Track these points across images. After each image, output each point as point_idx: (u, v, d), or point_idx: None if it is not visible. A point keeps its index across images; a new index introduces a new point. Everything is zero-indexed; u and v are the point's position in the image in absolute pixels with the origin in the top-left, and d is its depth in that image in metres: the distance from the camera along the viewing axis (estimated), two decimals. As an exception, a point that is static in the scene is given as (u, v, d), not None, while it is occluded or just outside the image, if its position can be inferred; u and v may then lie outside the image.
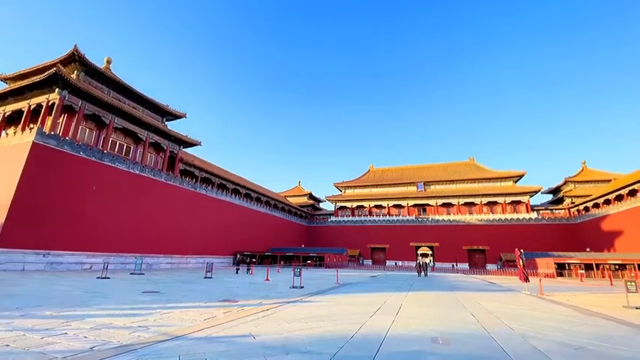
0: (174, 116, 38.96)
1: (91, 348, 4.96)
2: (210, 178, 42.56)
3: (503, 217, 54.59)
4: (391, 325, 7.16)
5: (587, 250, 44.15)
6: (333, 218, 64.64)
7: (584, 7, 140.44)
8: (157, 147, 36.09)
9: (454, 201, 59.07)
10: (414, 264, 29.15)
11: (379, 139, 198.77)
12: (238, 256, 43.62)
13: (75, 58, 28.37)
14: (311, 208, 72.21)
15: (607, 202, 45.08)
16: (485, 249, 52.94)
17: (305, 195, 74.80)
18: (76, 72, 29.06)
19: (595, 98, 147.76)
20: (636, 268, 30.45)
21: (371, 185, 67.04)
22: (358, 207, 64.86)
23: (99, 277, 17.59)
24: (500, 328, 7.31)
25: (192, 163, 39.91)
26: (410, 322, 7.79)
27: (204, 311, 8.58)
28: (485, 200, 57.39)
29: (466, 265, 52.09)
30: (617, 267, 32.11)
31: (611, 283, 24.08)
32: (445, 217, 57.31)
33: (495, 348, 5.57)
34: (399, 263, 54.26)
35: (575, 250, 45.13)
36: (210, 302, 10.28)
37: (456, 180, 62.15)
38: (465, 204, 58.65)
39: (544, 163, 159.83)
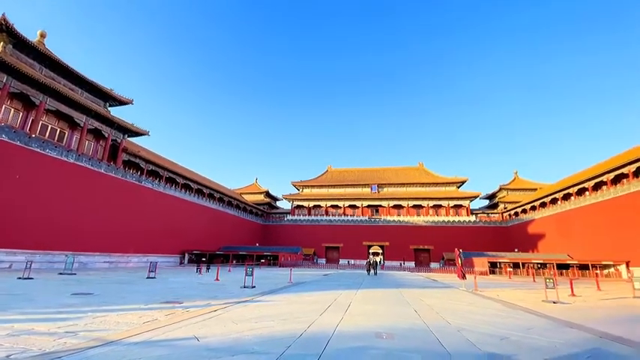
0: (119, 102, 35.70)
1: (7, 357, 4.36)
2: (158, 171, 39.82)
3: (446, 219, 59.00)
4: (340, 323, 7.34)
5: (516, 250, 49.54)
6: (289, 217, 64.42)
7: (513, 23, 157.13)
8: (97, 134, 32.81)
9: (404, 203, 62.46)
10: (365, 262, 30.15)
11: (338, 140, 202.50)
12: (187, 255, 41.52)
13: (2, 28, 24.62)
14: (267, 207, 71.21)
15: (533, 208, 51.02)
16: (429, 248, 56.73)
17: (262, 193, 73.51)
18: (2, 43, 25.25)
19: (527, 114, 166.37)
20: (554, 266, 34.92)
21: (328, 185, 68.08)
22: (315, 206, 65.48)
23: (20, 278, 15.51)
24: (438, 322, 7.89)
25: (138, 154, 36.97)
26: (357, 318, 8.06)
27: (144, 314, 8.01)
28: (431, 203, 61.55)
29: (412, 264, 55.35)
30: (539, 266, 36.51)
31: (534, 280, 27.30)
32: (396, 218, 60.31)
33: (433, 341, 6.00)
34: (352, 262, 55.86)
35: (506, 250, 50.37)
36: (151, 304, 9.62)
37: (407, 183, 65.77)
38: (414, 206, 62.33)
39: (483, 171, 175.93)
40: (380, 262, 60.40)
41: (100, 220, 29.27)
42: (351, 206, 64.37)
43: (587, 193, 38.53)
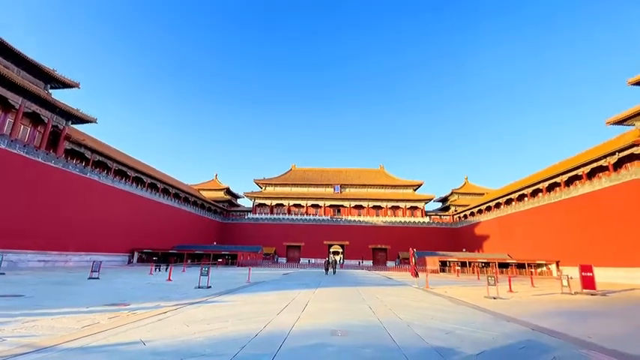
0: (63, 84, 32.29)
1: None
2: (106, 162, 36.71)
3: (403, 219, 61.77)
4: (296, 321, 7.35)
5: (464, 250, 53.29)
6: (250, 215, 63.05)
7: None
8: (35, 119, 29.41)
9: (365, 204, 64.26)
10: (330, 261, 30.35)
11: (302, 140, 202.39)
12: (136, 254, 38.83)
13: None
14: (227, 204, 69.00)
15: (480, 211, 55.29)
16: (387, 248, 58.99)
17: (222, 190, 71.05)
18: None
19: (477, 122, 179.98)
20: (496, 265, 38.14)
21: (292, 184, 67.78)
22: (278, 205, 64.80)
23: None
24: (391, 318, 8.22)
25: (83, 143, 33.75)
26: (314, 317, 8.13)
27: (85, 317, 7.35)
28: (390, 204, 64.02)
29: (370, 263, 57.16)
30: (483, 264, 39.64)
31: (478, 278, 29.58)
32: (356, 218, 61.82)
33: (385, 336, 6.25)
34: (313, 261, 56.19)
35: (456, 250, 53.99)
36: (93, 307, 8.85)
37: (368, 185, 67.71)
38: (374, 207, 64.37)
39: (438, 176, 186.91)
40: (340, 260, 61.52)
41: (35, 214, 26.26)
42: (313, 205, 64.71)
43: (525, 199, 42.64)
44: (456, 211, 65.29)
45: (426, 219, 62.51)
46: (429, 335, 6.35)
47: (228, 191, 72.36)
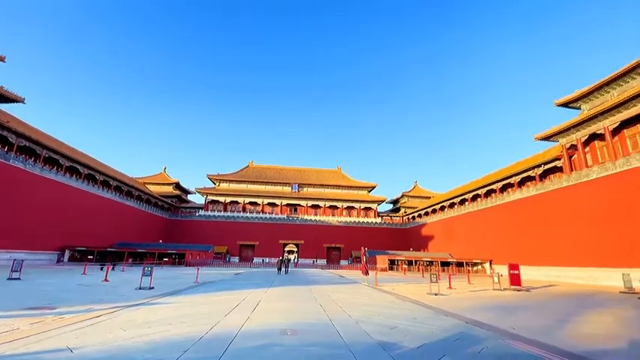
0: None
1: None
2: (35, 148, 32.41)
3: (357, 220, 63.67)
4: (245, 322, 7.19)
5: (411, 249, 56.55)
6: (202, 212, 60.12)
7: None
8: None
9: (322, 203, 64.99)
10: (283, 260, 29.85)
11: (260, 137, 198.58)
12: (67, 252, 34.93)
13: None
14: (176, 200, 65.03)
15: (426, 213, 59.09)
16: (340, 247, 60.33)
17: (171, 184, 66.75)
18: None
19: (427, 131, 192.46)
20: (439, 264, 41.05)
21: (248, 181, 66.06)
22: (232, 202, 62.67)
23: None
24: (340, 315, 8.43)
25: (7, 126, 29.40)
26: (265, 317, 8.02)
27: (1, 323, 6.42)
28: (345, 205, 65.58)
29: (324, 261, 57.99)
30: (428, 263, 42.40)
31: (423, 276, 31.57)
32: (313, 218, 62.26)
33: (334, 333, 6.39)
34: (267, 260, 55.34)
35: (404, 249, 57.05)
36: (13, 311, 7.77)
37: (326, 185, 68.62)
38: (330, 207, 65.43)
39: (391, 178, 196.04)
40: (294, 259, 61.45)
41: None
42: (270, 204, 63.77)
43: (466, 203, 46.52)
44: (405, 212, 68.96)
45: (378, 219, 65.11)
46: (376, 331, 6.63)
47: (177, 186, 68.24)
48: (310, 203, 64.64)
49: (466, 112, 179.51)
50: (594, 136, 27.40)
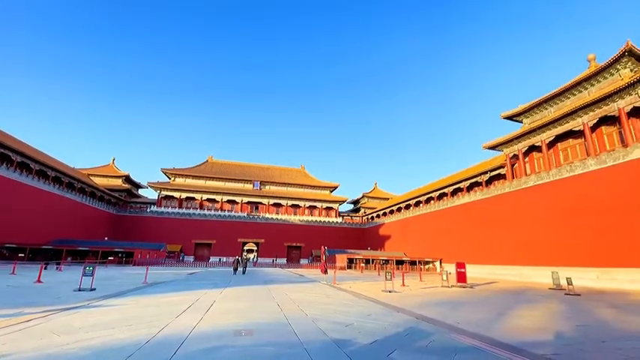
0: None
1: None
2: (-47, 131, 28.12)
3: (319, 219, 64.17)
4: (198, 324, 6.89)
5: (368, 248, 58.33)
6: (154, 208, 56.39)
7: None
8: None
9: (284, 202, 64.43)
10: (240, 259, 28.89)
11: (221, 133, 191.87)
12: (-8, 249, 30.84)
13: None
14: (126, 194, 60.35)
15: (384, 214, 61.35)
16: (301, 246, 60.35)
17: (120, 177, 61.76)
18: None
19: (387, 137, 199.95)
20: (394, 262, 42.81)
21: (207, 177, 63.30)
22: (188, 198, 59.65)
23: None
24: (297, 314, 8.42)
25: None
26: (219, 318, 7.75)
27: None
28: (308, 204, 65.75)
29: (284, 260, 57.58)
30: (384, 261, 44.02)
31: (379, 274, 32.68)
32: (274, 216, 61.47)
33: (290, 332, 6.36)
34: (224, 259, 53.45)
35: (363, 248, 58.66)
36: None
37: (289, 183, 68.19)
38: (292, 205, 65.12)
39: (353, 179, 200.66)
40: (253, 259, 60.23)
41: None
42: (230, 201, 61.78)
43: (421, 205, 49.09)
44: (365, 213, 70.95)
45: (339, 219, 66.22)
46: (331, 329, 6.72)
47: (127, 179, 63.39)
48: (272, 201, 63.80)
49: (425, 119, 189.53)
50: (533, 148, 30.40)
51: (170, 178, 61.64)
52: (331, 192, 70.57)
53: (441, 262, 39.96)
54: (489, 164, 37.74)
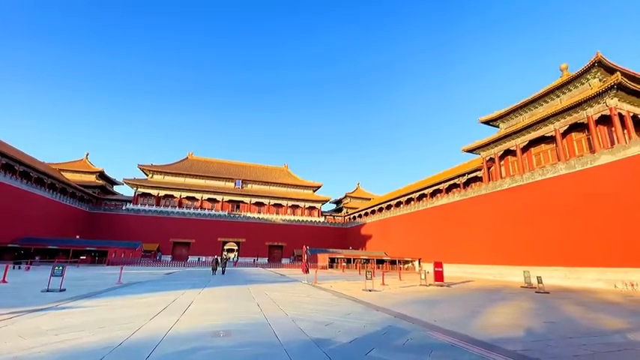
0: None
1: None
2: None
3: (301, 218, 64.04)
4: (174, 325, 6.71)
5: (350, 248, 58.80)
6: (130, 206, 54.39)
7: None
8: None
9: (266, 201, 63.82)
10: (219, 259, 28.22)
11: (202, 128, 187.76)
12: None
13: None
14: (100, 191, 57.89)
15: (366, 214, 62.04)
16: (283, 245, 60.02)
17: (94, 173, 59.16)
18: None
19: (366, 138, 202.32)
20: (375, 261, 43.38)
21: (187, 174, 61.75)
22: (167, 196, 57.94)
23: None
24: (277, 314, 8.37)
25: None
26: (196, 319, 7.58)
27: None
28: (290, 203, 65.46)
29: (266, 260, 57.05)
30: (365, 261, 44.52)
31: (359, 273, 33.04)
32: (256, 215, 60.79)
33: (269, 333, 6.31)
34: (204, 259, 52.34)
35: (344, 248, 59.05)
36: None
37: (271, 182, 67.62)
38: (275, 205, 64.62)
39: (336, 178, 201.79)
40: (234, 258, 59.33)
41: None
42: (210, 199, 60.55)
43: (401, 205, 50.01)
44: (347, 212, 71.47)
45: (322, 219, 66.35)
46: (312, 328, 6.72)
47: (101, 175, 60.85)
48: (254, 200, 63.08)
49: (408, 121, 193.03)
50: (508, 152, 31.63)
51: (147, 175, 59.73)
52: (314, 191, 70.61)
53: (419, 262, 40.83)
54: (467, 167, 38.93)
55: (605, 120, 23.33)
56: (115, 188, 66.42)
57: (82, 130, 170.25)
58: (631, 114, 22.81)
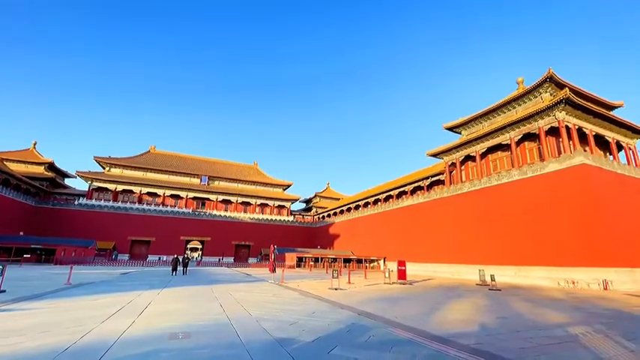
0: None
1: None
2: None
3: (270, 217, 63.22)
4: (128, 328, 6.32)
5: (318, 247, 59.09)
6: (84, 201, 50.39)
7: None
8: None
9: (234, 199, 62.19)
10: (180, 259, 26.90)
11: (166, 121, 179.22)
12: None
13: None
14: (48, 184, 53.10)
15: (335, 214, 62.73)
16: (250, 244, 58.89)
17: (42, 164, 54.14)
18: None
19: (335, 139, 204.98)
20: (342, 260, 43.98)
21: (148, 168, 58.41)
22: (125, 191, 54.41)
23: None
24: (241, 314, 8.19)
25: None
26: (153, 320, 7.21)
27: None
28: (259, 202, 64.36)
29: (232, 259, 55.64)
30: (332, 260, 44.97)
31: (327, 272, 33.31)
32: (223, 213, 59.03)
33: (231, 333, 6.15)
34: (164, 258, 49.94)
35: (313, 247, 59.19)
36: None
37: (240, 180, 65.99)
38: (243, 203, 63.17)
39: (306, 178, 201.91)
40: (197, 257, 57.19)
41: None
42: (173, 196, 57.84)
43: (369, 205, 51.19)
44: (317, 212, 71.77)
45: (291, 218, 65.99)
46: (276, 328, 6.66)
47: (51, 167, 55.92)
48: (221, 198, 61.27)
49: (379, 123, 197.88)
50: (469, 157, 33.49)
51: (104, 168, 55.82)
52: (284, 190, 70.05)
53: (384, 261, 42.01)
54: (431, 170, 40.70)
55: (554, 131, 25.48)
56: (67, 181, 61.41)
57: (30, 118, 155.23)
58: (576, 127, 25.10)
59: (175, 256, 24.71)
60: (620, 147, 28.59)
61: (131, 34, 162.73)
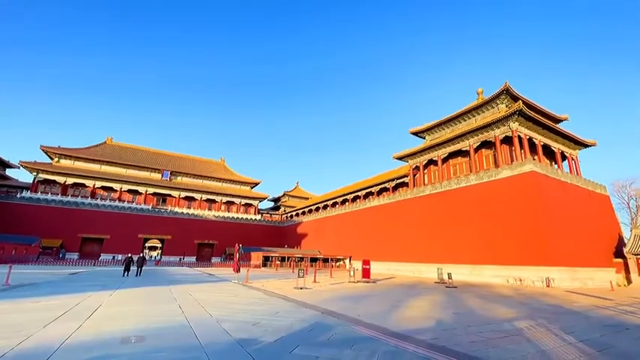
0: None
1: None
2: None
3: (236, 215, 61.67)
4: (74, 332, 5.85)
5: (285, 246, 58.72)
6: (27, 194, 45.73)
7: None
8: None
9: (198, 196, 59.84)
10: (135, 258, 25.27)
11: (125, 111, 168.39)
12: None
13: None
14: (-15, 174, 47.65)
15: (303, 213, 62.77)
16: (214, 243, 56.99)
17: (-22, 152, 48.46)
18: None
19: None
20: (309, 259, 44.09)
21: (104, 161, 54.36)
22: (77, 184, 50.19)
23: None
24: (201, 316, 7.91)
25: None
26: (104, 324, 6.74)
27: None
28: (225, 199, 62.49)
29: (194, 259, 53.48)
30: (299, 259, 44.92)
31: (293, 271, 33.19)
32: (185, 211, 56.54)
33: (190, 335, 5.92)
34: (119, 257, 46.73)
35: (280, 246, 58.66)
36: None
37: (205, 176, 63.57)
38: (207, 200, 60.97)
39: (275, 177, 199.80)
40: (155, 257, 54.30)
41: None
42: (131, 191, 54.39)
43: (337, 205, 51.87)
44: (285, 211, 71.30)
45: (258, 216, 64.90)
46: (237, 329, 6.51)
47: (-10, 156, 50.20)
48: (184, 194, 58.73)
49: (349, 125, 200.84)
50: (431, 162, 35.13)
51: (53, 159, 51.18)
52: (252, 188, 68.74)
53: (350, 260, 42.77)
54: (397, 173, 42.13)
55: (508, 140, 27.50)
56: (9, 172, 55.38)
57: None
58: (527, 137, 27.29)
59: (129, 255, 23.08)
60: (564, 157, 31.52)
61: (88, 18, 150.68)
